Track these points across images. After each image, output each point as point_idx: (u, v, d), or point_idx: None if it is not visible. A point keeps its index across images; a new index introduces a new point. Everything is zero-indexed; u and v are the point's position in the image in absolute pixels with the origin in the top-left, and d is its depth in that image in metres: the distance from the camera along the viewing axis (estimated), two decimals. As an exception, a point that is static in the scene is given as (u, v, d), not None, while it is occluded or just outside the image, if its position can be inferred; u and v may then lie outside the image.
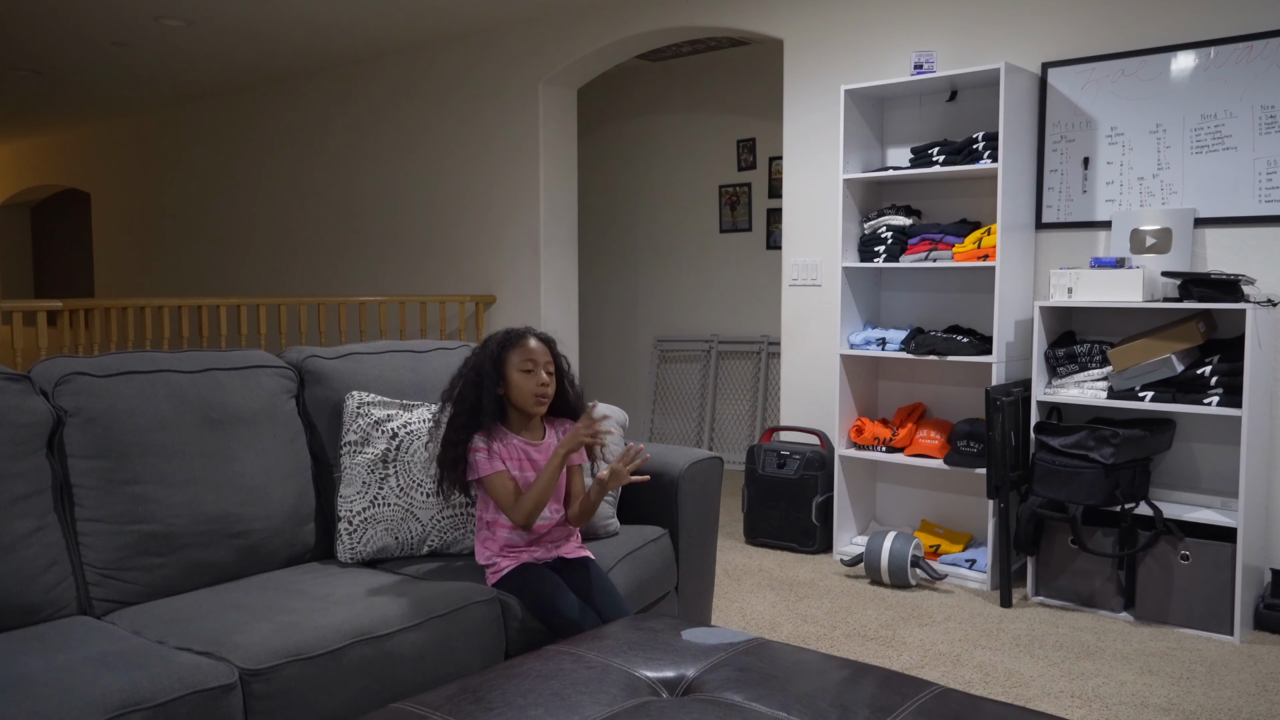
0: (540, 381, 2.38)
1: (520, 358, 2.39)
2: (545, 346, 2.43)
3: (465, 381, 2.40)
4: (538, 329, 2.56)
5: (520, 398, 2.38)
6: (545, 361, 2.40)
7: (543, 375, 2.38)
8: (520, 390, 2.38)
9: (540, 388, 2.38)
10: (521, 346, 2.40)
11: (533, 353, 2.40)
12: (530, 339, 2.42)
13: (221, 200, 8.26)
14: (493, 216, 6.03)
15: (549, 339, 2.47)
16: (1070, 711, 2.71)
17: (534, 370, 2.38)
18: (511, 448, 2.39)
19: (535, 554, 2.40)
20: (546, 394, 2.39)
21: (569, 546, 2.48)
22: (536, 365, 2.39)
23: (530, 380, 2.37)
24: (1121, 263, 3.56)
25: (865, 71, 4.39)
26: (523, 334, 2.43)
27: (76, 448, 2.16)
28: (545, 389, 2.38)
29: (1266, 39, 3.41)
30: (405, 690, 2.07)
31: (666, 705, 1.61)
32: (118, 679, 1.71)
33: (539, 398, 2.38)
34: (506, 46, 5.86)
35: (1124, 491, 3.42)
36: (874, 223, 4.16)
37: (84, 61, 6.81)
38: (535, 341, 2.42)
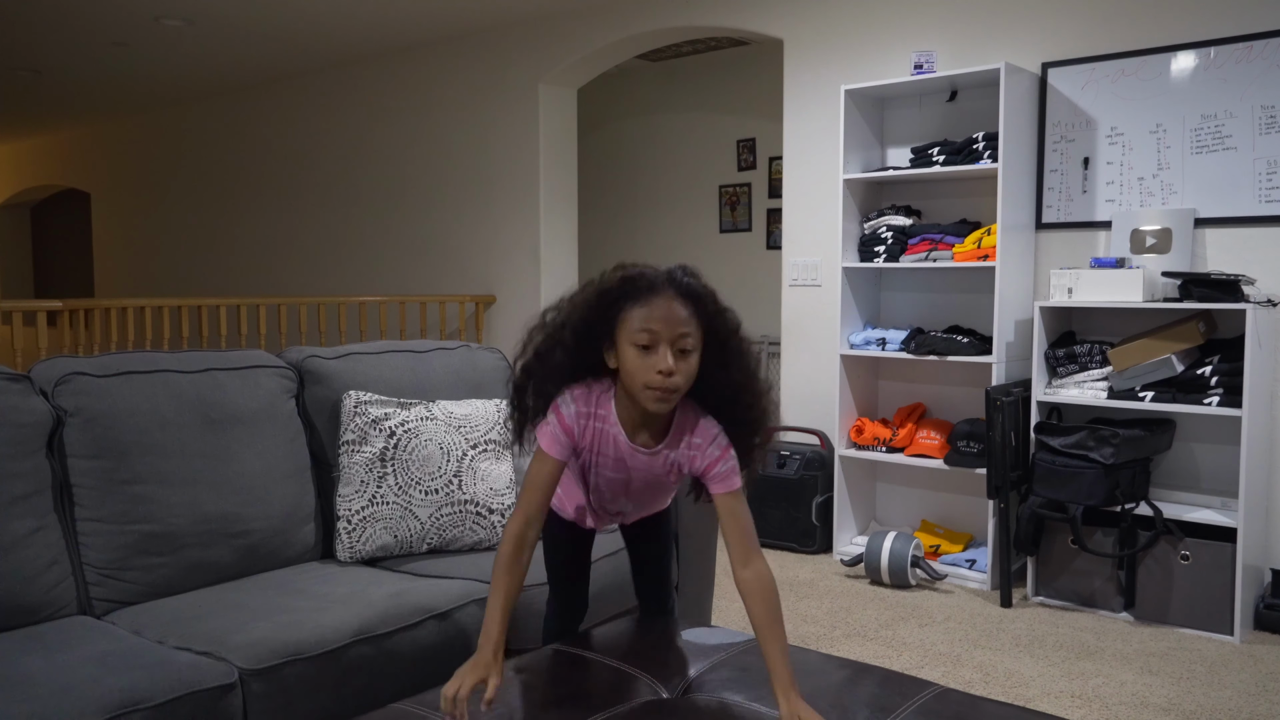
0: (659, 368, 1.55)
1: (638, 321, 1.57)
2: (687, 307, 1.58)
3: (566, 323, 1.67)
4: (690, 270, 1.64)
5: (629, 382, 1.61)
6: (678, 335, 1.56)
7: (667, 357, 1.55)
8: (629, 372, 1.59)
9: (659, 378, 1.56)
10: (645, 303, 1.58)
11: (657, 316, 1.56)
12: (661, 293, 1.58)
13: (221, 200, 8.26)
14: (492, 216, 6.03)
15: (700, 291, 1.61)
16: (1070, 711, 2.71)
17: (653, 347, 1.56)
18: (604, 433, 1.70)
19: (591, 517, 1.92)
20: (667, 390, 1.57)
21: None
22: (658, 339, 1.56)
23: (645, 362, 1.57)
24: (1121, 263, 3.56)
25: (865, 71, 4.39)
26: (653, 282, 1.59)
27: (76, 448, 2.16)
28: (667, 383, 1.56)
29: (1266, 39, 3.41)
30: (405, 689, 2.07)
31: (667, 705, 1.61)
32: (118, 679, 1.71)
33: (657, 394, 1.58)
34: (506, 46, 5.86)
35: (1124, 491, 3.42)
36: (874, 223, 4.16)
37: (84, 61, 6.80)
38: (669, 299, 1.58)
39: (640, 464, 1.73)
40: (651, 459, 1.72)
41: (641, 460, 1.73)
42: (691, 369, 1.60)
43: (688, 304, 1.60)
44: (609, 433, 1.71)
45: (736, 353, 1.66)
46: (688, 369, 1.59)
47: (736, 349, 1.66)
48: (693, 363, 1.60)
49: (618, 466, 1.75)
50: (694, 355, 1.60)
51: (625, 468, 1.74)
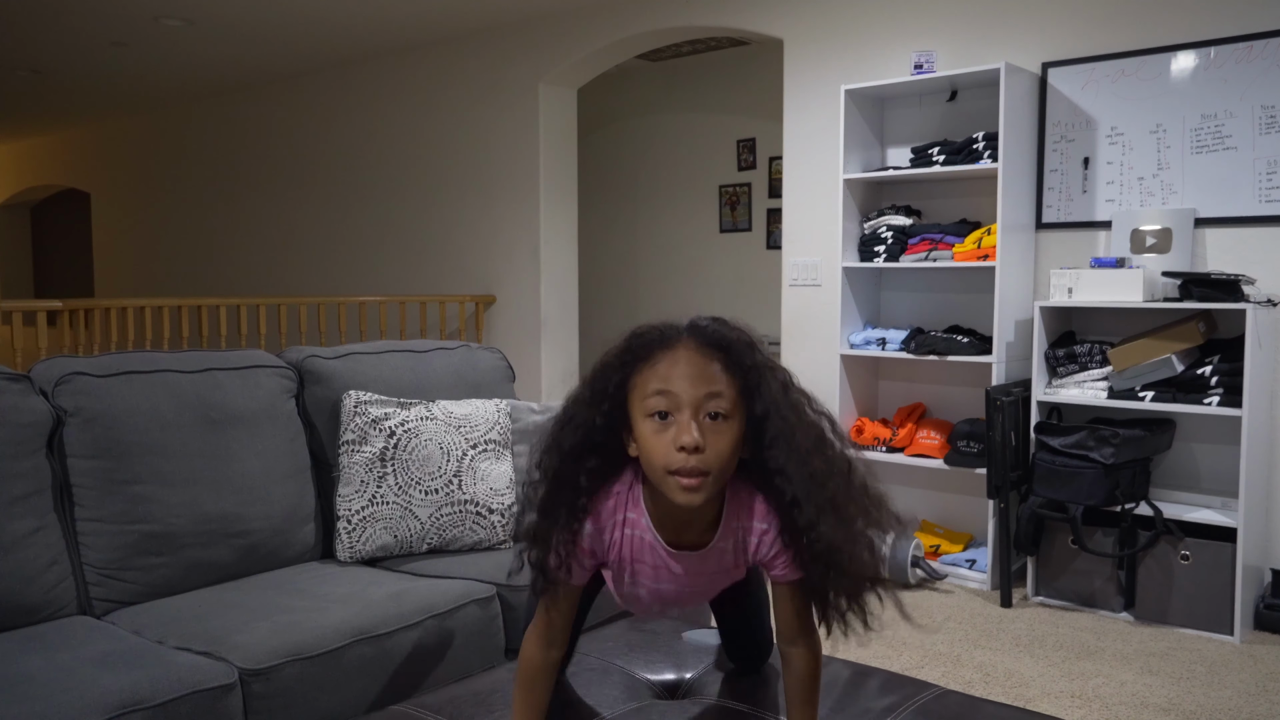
0: (681, 443, 1.19)
1: (650, 384, 1.22)
2: (715, 359, 1.22)
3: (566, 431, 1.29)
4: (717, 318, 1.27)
5: (649, 471, 1.25)
6: (703, 396, 1.20)
7: (690, 428, 1.19)
8: (647, 456, 1.23)
9: (681, 457, 1.19)
10: (657, 360, 1.23)
11: (674, 374, 1.21)
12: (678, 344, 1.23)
13: (221, 200, 8.25)
14: (492, 216, 6.03)
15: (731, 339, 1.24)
16: (1070, 712, 2.71)
17: (672, 417, 1.21)
18: (637, 541, 1.33)
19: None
20: (695, 474, 1.20)
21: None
22: (678, 403, 1.20)
23: (663, 438, 1.21)
24: (1121, 263, 3.56)
25: (865, 71, 4.38)
26: (666, 333, 1.25)
27: (76, 448, 2.16)
28: (692, 464, 1.19)
29: (1266, 39, 3.41)
30: (405, 689, 2.07)
31: (667, 707, 1.61)
32: (118, 679, 1.71)
33: (682, 482, 1.20)
34: (506, 46, 5.86)
35: (1124, 491, 3.42)
36: (874, 223, 4.16)
37: (84, 61, 6.80)
38: (689, 350, 1.22)
39: (689, 569, 1.34)
40: (703, 562, 1.33)
41: (689, 565, 1.33)
42: (727, 445, 1.21)
43: (716, 355, 1.22)
44: (642, 540, 1.32)
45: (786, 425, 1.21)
46: (722, 444, 1.21)
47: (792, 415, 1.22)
48: (729, 436, 1.21)
49: (659, 576, 1.34)
50: (730, 424, 1.21)
51: (669, 576, 1.34)
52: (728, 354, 1.23)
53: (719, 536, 1.31)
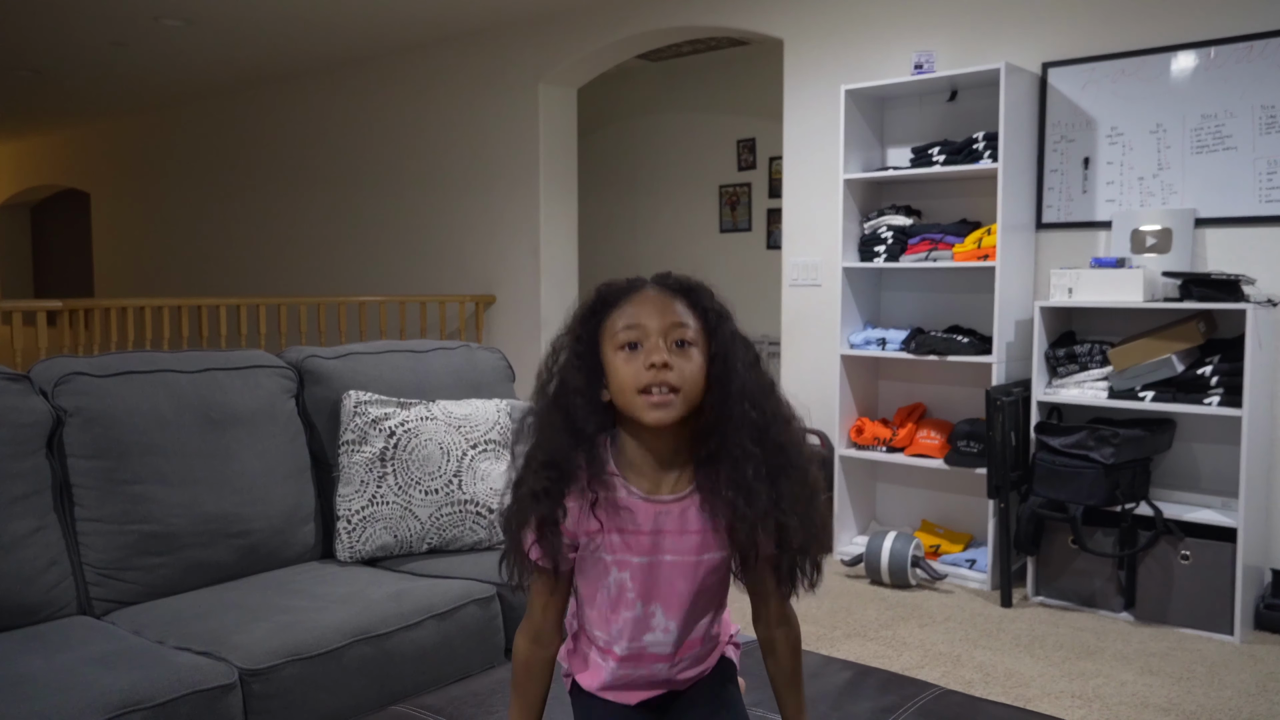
0: (650, 360, 1.27)
1: (621, 321, 1.31)
2: (679, 299, 1.32)
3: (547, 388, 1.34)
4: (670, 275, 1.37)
5: (622, 400, 1.30)
6: (670, 324, 1.29)
7: (659, 347, 1.27)
8: (620, 386, 1.29)
9: (651, 373, 1.26)
10: (627, 301, 1.32)
11: (642, 311, 1.30)
12: (645, 288, 1.34)
13: (221, 200, 8.25)
14: (492, 216, 6.02)
15: (693, 284, 1.36)
16: (1070, 712, 2.71)
17: (641, 344, 1.29)
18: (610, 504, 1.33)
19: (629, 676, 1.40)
20: (664, 387, 1.27)
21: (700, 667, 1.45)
22: (646, 332, 1.29)
23: (634, 364, 1.28)
24: (1122, 263, 3.55)
25: (865, 71, 4.38)
26: (634, 281, 1.36)
27: (76, 448, 2.16)
28: (662, 377, 1.26)
29: (1266, 39, 3.41)
30: (405, 689, 2.07)
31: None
32: (118, 679, 1.71)
33: (652, 399, 1.27)
34: (506, 46, 5.86)
35: (1124, 491, 3.42)
36: (874, 223, 4.16)
37: (84, 61, 6.80)
38: (656, 291, 1.33)
39: (668, 527, 1.32)
40: (683, 514, 1.33)
41: (670, 520, 1.32)
42: (694, 369, 1.28)
43: (679, 296, 1.33)
44: (614, 500, 1.32)
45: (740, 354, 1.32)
46: (689, 366, 1.28)
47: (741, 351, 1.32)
48: (695, 361, 1.29)
49: (633, 545, 1.32)
50: (695, 352, 1.29)
51: (652, 544, 1.33)
52: (689, 295, 1.34)
53: (689, 490, 1.33)
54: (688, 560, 1.34)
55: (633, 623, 1.35)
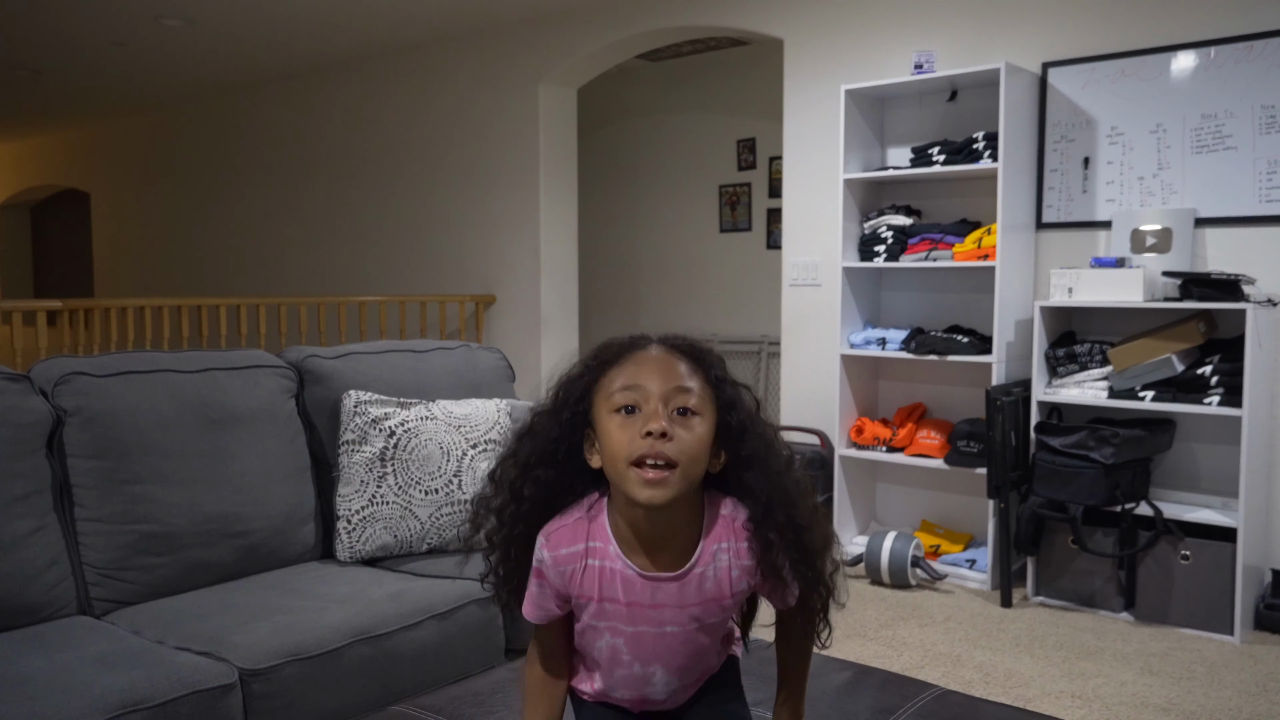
0: (647, 427, 1.16)
1: (619, 381, 1.20)
2: (685, 362, 1.22)
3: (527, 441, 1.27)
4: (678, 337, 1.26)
5: (613, 471, 1.19)
6: (673, 389, 1.18)
7: (658, 414, 1.16)
8: (611, 455, 1.19)
9: (646, 442, 1.15)
10: (626, 360, 1.22)
11: (643, 371, 1.19)
12: (648, 347, 1.23)
13: (221, 200, 8.26)
14: (492, 216, 6.02)
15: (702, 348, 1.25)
16: (1070, 712, 2.71)
17: (639, 408, 1.18)
18: (605, 574, 1.25)
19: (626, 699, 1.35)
20: (664, 456, 1.15)
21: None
22: (647, 397, 1.18)
23: (628, 430, 1.17)
24: (1122, 263, 3.55)
25: (865, 71, 4.38)
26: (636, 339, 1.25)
27: (76, 448, 2.16)
28: (658, 449, 1.15)
29: (1266, 39, 3.41)
30: (405, 689, 2.07)
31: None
32: (118, 679, 1.71)
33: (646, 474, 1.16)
34: (506, 46, 5.86)
35: (1124, 491, 3.42)
36: (874, 222, 4.16)
37: (84, 61, 6.80)
38: (660, 351, 1.22)
39: (669, 600, 1.24)
40: (683, 591, 1.24)
41: (668, 595, 1.24)
42: (695, 441, 1.17)
43: (685, 359, 1.21)
44: (612, 571, 1.24)
45: (762, 443, 1.22)
46: (689, 438, 1.17)
47: (762, 438, 1.22)
48: (697, 433, 1.18)
49: (635, 616, 1.24)
50: (701, 422, 1.18)
51: (646, 614, 1.24)
52: (698, 361, 1.23)
53: (699, 556, 1.24)
54: (688, 630, 1.27)
55: (631, 680, 1.30)
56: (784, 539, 1.22)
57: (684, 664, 1.29)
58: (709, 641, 1.30)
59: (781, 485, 1.22)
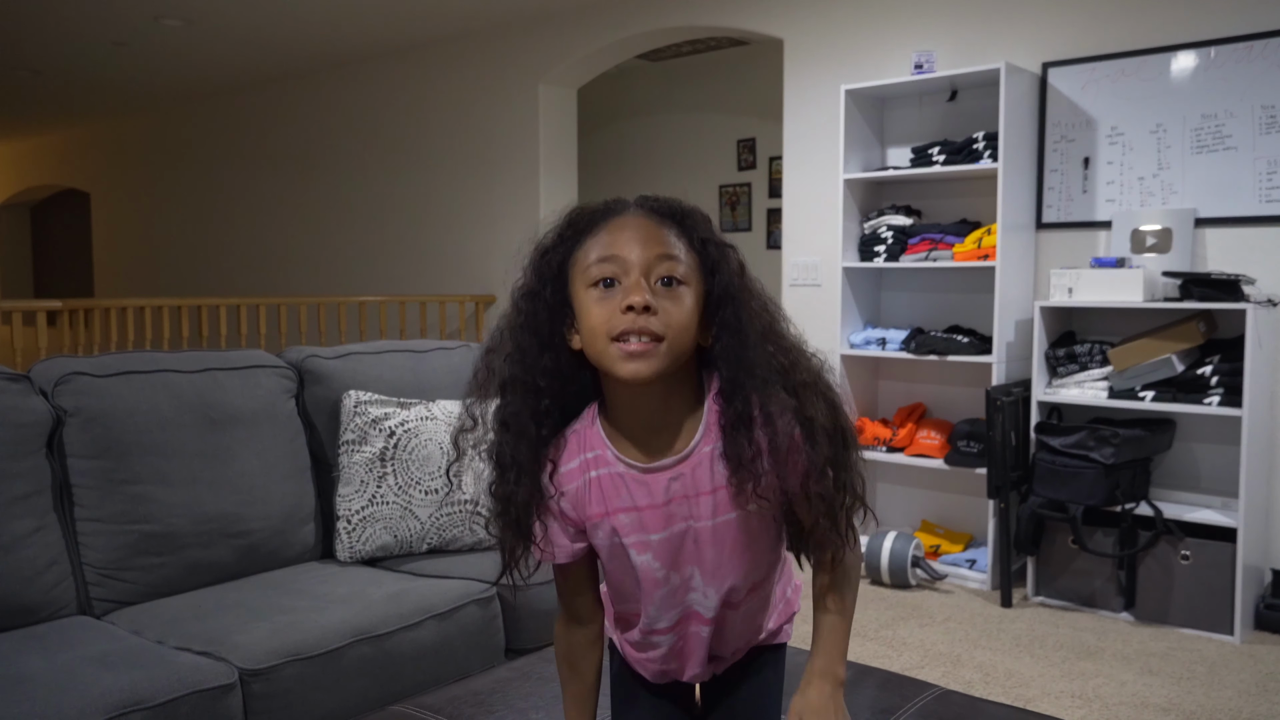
0: (628, 300, 1.06)
1: (594, 252, 1.11)
2: (667, 225, 1.12)
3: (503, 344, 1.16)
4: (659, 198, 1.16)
5: (593, 350, 1.10)
6: (655, 256, 1.08)
7: (641, 290, 1.07)
8: (591, 333, 1.10)
9: (628, 317, 1.06)
10: (602, 228, 1.12)
11: (620, 238, 1.09)
12: (625, 212, 1.13)
13: (221, 200, 8.25)
14: (492, 216, 6.02)
15: (685, 207, 1.14)
16: (1070, 712, 2.71)
17: (619, 281, 1.08)
18: (607, 482, 1.17)
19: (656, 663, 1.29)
20: (648, 331, 1.06)
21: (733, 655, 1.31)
22: (626, 268, 1.08)
23: (607, 304, 1.08)
24: (1122, 263, 3.55)
25: (865, 71, 4.38)
26: (608, 207, 1.15)
27: (76, 448, 2.16)
28: (641, 323, 1.06)
29: (1266, 39, 3.41)
30: (405, 689, 2.07)
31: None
32: (118, 679, 1.71)
33: (628, 348, 1.06)
34: (506, 46, 5.86)
35: (1124, 491, 3.42)
36: (874, 222, 4.16)
37: (84, 61, 6.80)
38: (635, 216, 1.12)
39: (680, 493, 1.14)
40: (694, 477, 1.14)
41: (680, 487, 1.14)
42: (682, 314, 1.07)
43: (668, 223, 1.11)
44: (613, 477, 1.15)
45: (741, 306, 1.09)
46: (676, 311, 1.07)
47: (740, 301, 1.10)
48: (685, 304, 1.08)
49: (645, 523, 1.16)
50: (686, 293, 1.08)
51: (665, 518, 1.15)
52: (682, 223, 1.12)
53: (701, 437, 1.13)
54: (705, 525, 1.16)
55: (669, 595, 1.20)
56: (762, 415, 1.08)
57: (717, 573, 1.18)
58: (744, 539, 1.17)
59: (760, 352, 1.09)
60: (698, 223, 1.13)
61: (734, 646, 1.30)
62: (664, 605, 1.21)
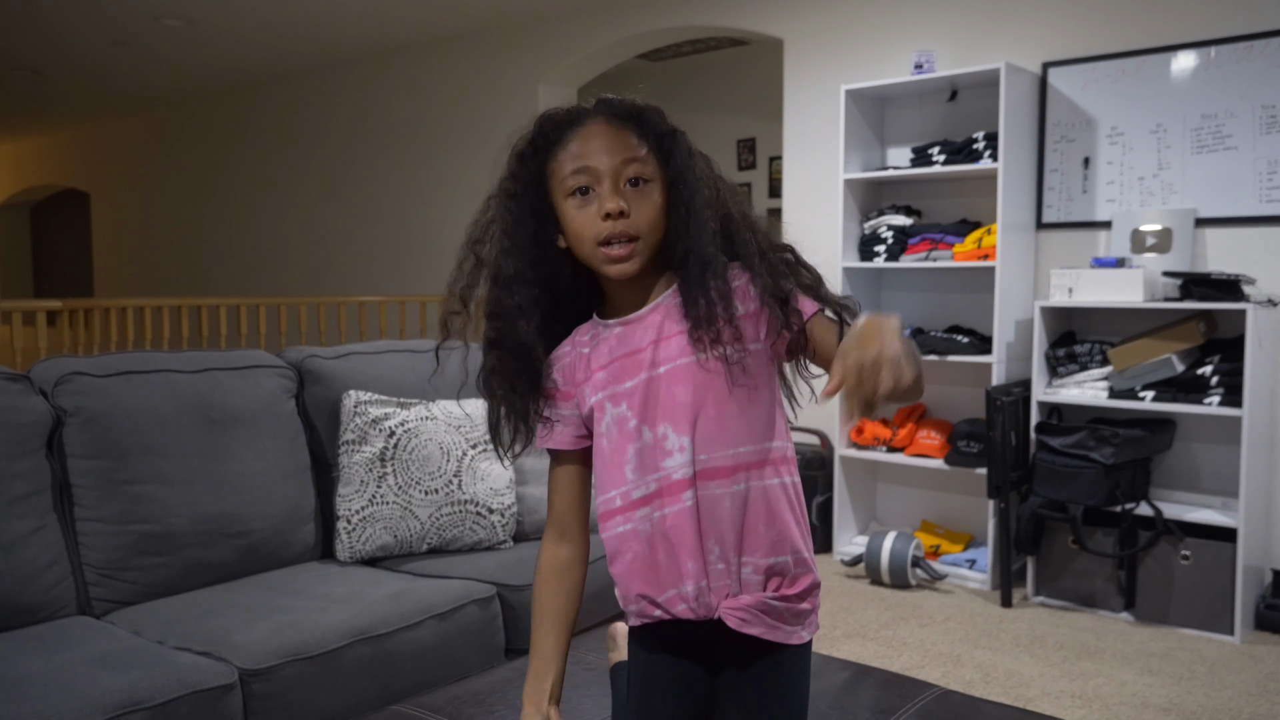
0: (605, 209, 1.19)
1: (568, 163, 1.22)
2: (628, 128, 1.23)
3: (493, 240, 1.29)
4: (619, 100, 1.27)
5: (581, 250, 1.23)
6: (620, 162, 1.20)
7: (614, 197, 1.19)
8: (576, 238, 1.23)
9: (608, 224, 1.19)
10: (565, 142, 1.23)
11: (588, 147, 1.21)
12: (585, 124, 1.23)
13: (221, 200, 8.25)
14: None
15: (641, 107, 1.26)
16: (1070, 712, 2.71)
17: (593, 189, 1.21)
18: (594, 343, 1.29)
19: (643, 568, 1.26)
20: (625, 234, 1.19)
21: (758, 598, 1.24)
22: (599, 176, 1.20)
23: (588, 213, 1.21)
24: (1122, 263, 3.55)
25: (865, 71, 4.38)
26: (571, 115, 1.25)
27: (76, 448, 2.16)
28: (620, 228, 1.19)
29: (1267, 39, 3.41)
30: (405, 689, 2.07)
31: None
32: (118, 679, 1.71)
33: (612, 251, 1.20)
34: (506, 46, 5.86)
35: (1124, 491, 3.42)
36: (874, 222, 4.16)
37: (84, 61, 6.80)
38: (598, 124, 1.23)
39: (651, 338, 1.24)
40: (664, 318, 1.24)
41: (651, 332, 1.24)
42: (652, 208, 1.21)
43: (628, 125, 1.23)
44: (594, 340, 1.27)
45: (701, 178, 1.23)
46: (647, 207, 1.21)
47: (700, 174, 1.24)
48: (653, 199, 1.21)
49: (627, 370, 1.24)
50: (652, 188, 1.22)
51: (636, 365, 1.24)
52: (640, 122, 1.24)
53: (669, 293, 1.25)
54: (669, 369, 1.23)
55: (641, 453, 1.23)
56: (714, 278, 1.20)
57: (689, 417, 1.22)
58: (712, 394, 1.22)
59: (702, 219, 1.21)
60: (652, 118, 1.25)
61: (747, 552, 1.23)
62: (639, 465, 1.24)
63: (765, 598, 1.24)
